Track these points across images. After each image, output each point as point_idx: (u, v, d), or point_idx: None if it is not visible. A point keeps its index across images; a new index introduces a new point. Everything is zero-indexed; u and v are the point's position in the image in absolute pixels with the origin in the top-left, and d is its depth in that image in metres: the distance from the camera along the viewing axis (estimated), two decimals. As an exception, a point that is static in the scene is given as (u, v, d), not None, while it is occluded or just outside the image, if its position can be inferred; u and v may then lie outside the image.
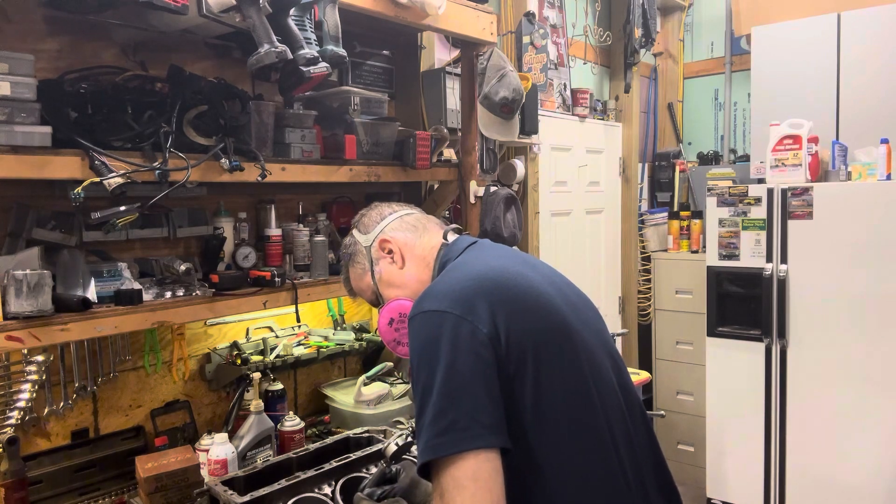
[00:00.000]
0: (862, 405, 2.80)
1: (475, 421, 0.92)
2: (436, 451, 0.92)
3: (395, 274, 1.27)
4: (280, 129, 1.82)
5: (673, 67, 4.44)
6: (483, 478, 0.90)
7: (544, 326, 1.04)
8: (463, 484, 0.90)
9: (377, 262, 1.29)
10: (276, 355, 2.17)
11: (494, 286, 1.05)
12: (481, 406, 0.94)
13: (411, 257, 1.27)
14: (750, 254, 3.04)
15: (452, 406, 0.93)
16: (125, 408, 1.89)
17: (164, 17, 1.56)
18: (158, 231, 1.78)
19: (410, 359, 1.02)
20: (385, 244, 1.28)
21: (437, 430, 0.92)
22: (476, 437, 0.91)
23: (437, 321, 0.99)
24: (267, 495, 1.48)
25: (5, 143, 1.29)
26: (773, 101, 3.44)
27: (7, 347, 1.33)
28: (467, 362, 0.96)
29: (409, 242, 1.28)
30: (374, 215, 1.34)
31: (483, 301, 1.01)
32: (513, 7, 3.17)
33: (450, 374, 0.95)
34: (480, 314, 0.99)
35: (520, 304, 1.04)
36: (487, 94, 2.41)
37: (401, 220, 1.31)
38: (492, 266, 1.11)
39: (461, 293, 1.03)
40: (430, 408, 0.94)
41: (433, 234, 1.29)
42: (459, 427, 0.92)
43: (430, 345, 0.98)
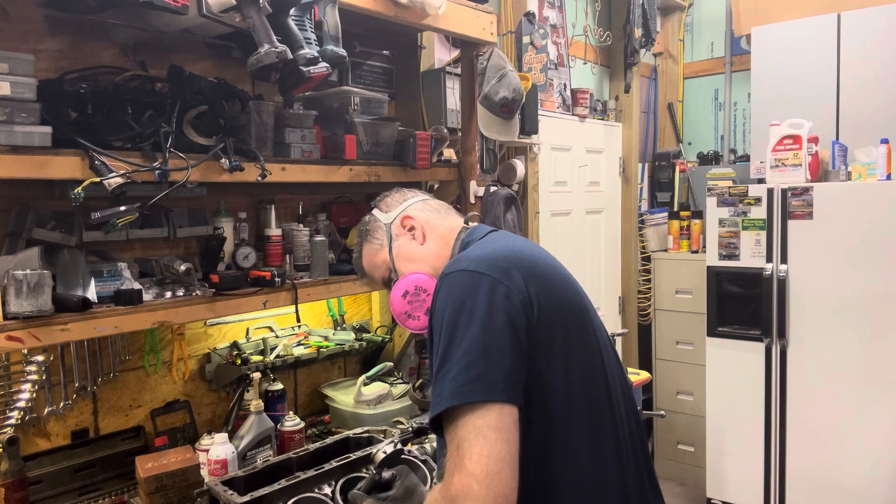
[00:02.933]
0: (862, 405, 2.80)
1: (503, 376, 0.95)
2: (464, 397, 0.93)
3: (414, 249, 1.29)
4: (280, 129, 1.82)
5: (673, 67, 4.44)
6: (504, 429, 0.92)
7: (569, 307, 1.09)
8: (484, 432, 0.91)
9: (396, 238, 1.32)
10: (276, 355, 2.17)
11: (527, 261, 1.08)
12: (510, 364, 0.96)
13: (432, 235, 1.30)
14: (750, 254, 3.04)
15: (483, 358, 0.95)
16: (125, 408, 1.89)
17: (164, 17, 1.56)
18: (158, 231, 1.78)
19: (438, 311, 1.03)
20: (407, 221, 1.31)
21: (467, 379, 0.94)
22: (503, 391, 0.94)
23: (474, 280, 1.02)
24: (267, 495, 1.48)
25: (5, 143, 1.30)
26: (773, 101, 3.44)
27: (7, 347, 1.33)
28: (501, 320, 0.98)
29: (431, 221, 1.31)
30: (398, 196, 1.38)
31: (517, 271, 1.04)
32: (513, 7, 3.17)
33: (485, 329, 0.97)
34: (516, 281, 1.02)
35: (549, 280, 1.08)
36: (487, 94, 2.41)
37: (423, 203, 1.36)
38: (519, 246, 1.15)
39: (497, 261, 1.05)
40: (460, 357, 0.95)
41: (454, 218, 1.34)
42: (489, 378, 0.94)
43: (467, 299, 1.00)
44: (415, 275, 1.27)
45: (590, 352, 1.10)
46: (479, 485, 0.88)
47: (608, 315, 3.84)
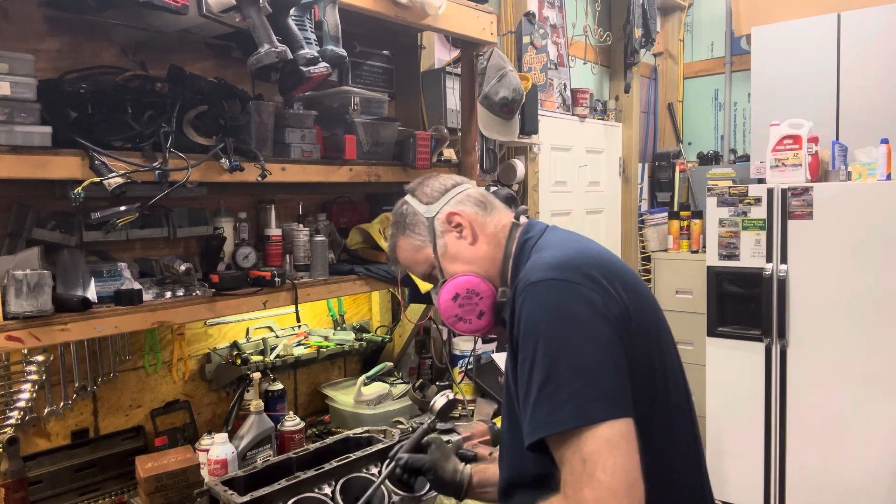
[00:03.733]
0: (862, 405, 2.80)
1: (623, 389, 0.93)
2: (589, 416, 0.89)
3: (464, 249, 1.21)
4: (280, 129, 1.82)
5: (673, 67, 4.44)
6: (633, 440, 0.90)
7: (654, 313, 1.07)
8: (617, 444, 0.89)
9: (442, 235, 1.22)
10: (276, 355, 2.17)
11: (608, 264, 1.05)
12: (624, 376, 0.94)
13: (483, 234, 1.21)
14: (750, 254, 3.04)
15: (600, 375, 0.92)
16: (125, 408, 1.88)
17: (164, 17, 1.56)
18: (158, 231, 1.78)
19: (530, 324, 0.97)
20: (454, 218, 1.22)
21: (588, 397, 0.90)
22: (626, 406, 0.92)
23: (567, 289, 0.97)
24: (267, 495, 1.47)
25: (5, 143, 1.29)
26: (773, 101, 3.44)
27: (7, 347, 1.33)
28: (607, 332, 0.95)
29: (479, 219, 1.22)
30: (437, 185, 1.27)
31: (605, 277, 1.00)
32: (513, 7, 3.17)
33: (594, 342, 0.94)
34: (608, 289, 0.99)
35: (633, 284, 1.05)
36: (487, 94, 2.41)
37: (465, 195, 1.25)
38: (593, 248, 1.10)
39: (581, 267, 1.00)
40: (575, 374, 0.92)
41: (501, 213, 1.24)
42: (610, 395, 0.91)
43: (566, 311, 0.95)
44: (465, 277, 1.19)
45: (672, 354, 1.09)
46: (618, 498, 0.86)
47: (608, 315, 3.84)
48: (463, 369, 2.45)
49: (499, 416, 2.22)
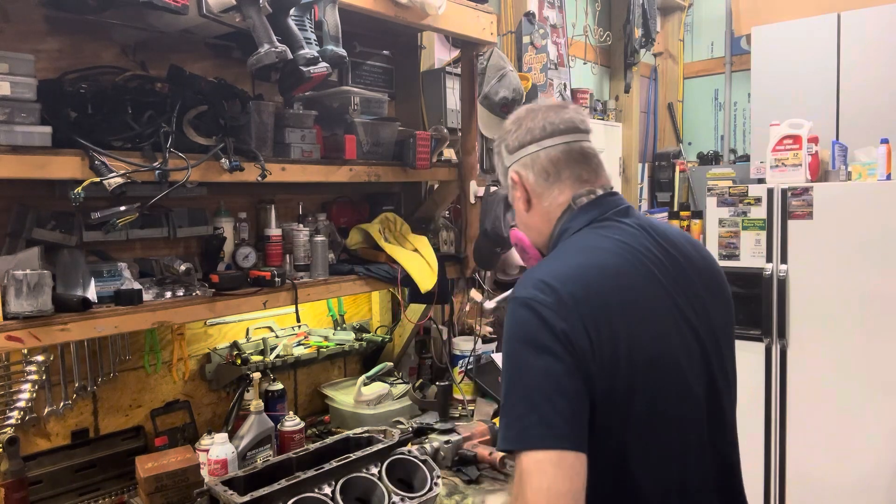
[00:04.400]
0: (862, 405, 2.80)
1: (563, 420, 0.95)
2: (525, 442, 0.94)
3: (521, 212, 1.25)
4: (280, 129, 1.82)
5: (673, 67, 4.44)
6: (565, 467, 0.93)
7: (638, 331, 1.03)
8: (544, 468, 0.93)
9: (510, 189, 1.25)
10: (276, 355, 2.17)
11: (603, 289, 1.03)
12: (568, 407, 0.96)
13: (537, 207, 1.21)
14: (750, 254, 3.04)
15: (540, 404, 0.96)
16: (125, 408, 1.88)
17: (164, 17, 1.56)
18: (158, 231, 1.78)
19: (504, 338, 1.03)
20: (516, 178, 1.22)
21: (529, 423, 0.95)
22: (563, 437, 0.94)
23: (532, 316, 0.99)
24: (267, 495, 1.47)
25: (5, 143, 1.29)
26: (773, 101, 3.44)
27: (7, 347, 1.33)
28: (561, 364, 0.97)
29: (538, 190, 1.20)
30: (521, 134, 1.21)
31: (580, 305, 1.00)
32: (513, 7, 3.17)
33: (544, 372, 0.97)
34: (578, 318, 0.99)
35: (630, 312, 1.03)
36: (487, 94, 2.40)
37: (535, 156, 1.19)
38: (594, 263, 1.07)
39: (564, 285, 1.01)
40: (519, 399, 0.97)
41: (563, 190, 1.19)
42: (548, 424, 0.94)
43: (522, 339, 1.00)
44: (521, 235, 1.27)
45: (663, 373, 1.05)
46: None
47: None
48: (463, 369, 2.45)
49: (498, 415, 2.22)
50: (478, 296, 2.43)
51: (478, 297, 2.43)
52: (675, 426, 1.06)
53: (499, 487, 1.78)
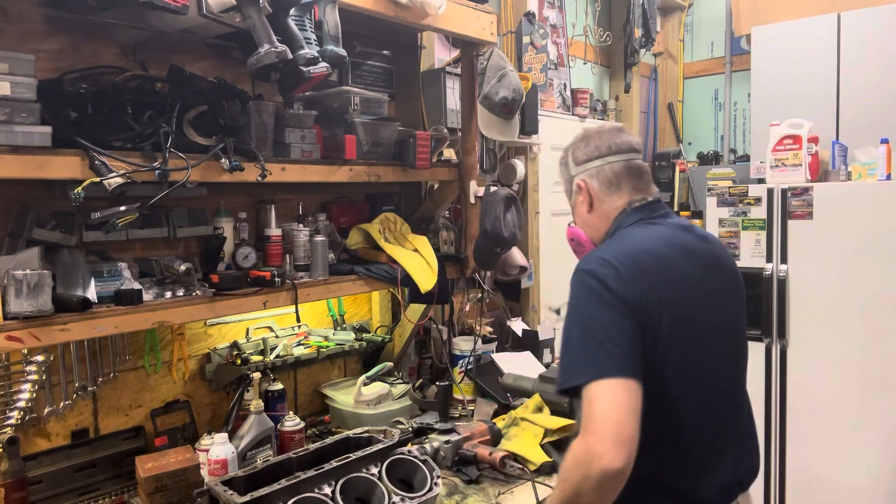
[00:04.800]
0: (862, 405, 2.80)
1: (623, 354, 1.20)
2: (595, 372, 1.18)
3: (583, 213, 1.51)
4: (280, 129, 1.82)
5: (673, 67, 4.44)
6: (628, 389, 1.17)
7: (676, 299, 1.30)
8: (613, 389, 1.17)
9: (574, 193, 1.53)
10: (276, 355, 2.17)
11: (649, 263, 1.30)
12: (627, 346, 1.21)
13: (598, 210, 1.48)
14: (750, 254, 3.04)
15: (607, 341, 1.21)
16: (125, 408, 1.89)
17: (164, 17, 1.56)
18: (158, 231, 1.78)
19: (570, 298, 1.30)
20: (581, 186, 1.49)
21: (596, 359, 1.19)
22: (623, 369, 1.18)
23: (595, 280, 1.25)
24: (267, 495, 1.47)
25: (5, 143, 1.29)
26: (773, 101, 3.44)
27: (7, 347, 1.33)
28: (618, 312, 1.23)
29: (601, 196, 1.48)
30: (591, 150, 1.49)
31: (633, 271, 1.26)
32: (513, 7, 3.17)
33: (606, 318, 1.22)
34: (632, 280, 1.25)
35: (671, 281, 1.31)
36: (487, 94, 2.40)
37: (600, 169, 1.47)
38: (644, 247, 1.34)
39: (621, 261, 1.28)
40: (588, 339, 1.22)
41: (622, 196, 1.47)
42: (612, 357, 1.19)
43: (590, 294, 1.25)
44: (579, 231, 1.54)
45: (701, 342, 1.34)
46: (606, 440, 1.12)
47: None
48: (463, 369, 2.45)
49: (498, 416, 2.22)
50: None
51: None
52: (702, 377, 1.34)
53: (505, 490, 1.78)
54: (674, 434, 1.31)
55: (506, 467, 1.82)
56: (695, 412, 1.32)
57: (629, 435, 1.13)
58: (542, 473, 1.83)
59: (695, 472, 1.33)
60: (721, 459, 1.36)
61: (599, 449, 1.12)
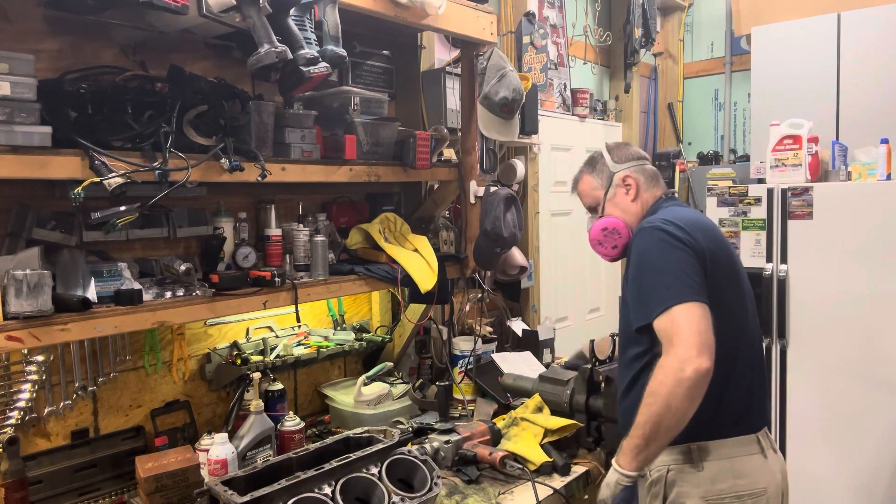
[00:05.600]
0: (862, 405, 2.80)
1: (698, 284, 1.45)
2: (678, 297, 1.42)
3: (626, 202, 1.73)
4: (280, 129, 1.82)
5: (673, 67, 4.45)
6: (704, 312, 1.42)
7: (729, 258, 1.60)
8: (693, 311, 1.41)
9: (615, 187, 1.74)
10: (276, 355, 2.17)
11: (694, 223, 1.56)
12: (699, 279, 1.47)
13: (640, 197, 1.73)
14: (750, 254, 3.04)
15: (683, 275, 1.46)
16: (125, 408, 1.89)
17: (164, 17, 1.56)
18: (158, 231, 1.78)
19: (640, 250, 1.54)
20: (629, 179, 1.73)
21: (676, 289, 1.43)
22: (698, 293, 1.43)
23: (665, 233, 1.50)
24: (267, 495, 1.47)
25: (5, 143, 1.29)
26: (773, 101, 3.44)
27: (7, 347, 1.33)
28: (686, 253, 1.48)
29: (644, 186, 1.74)
30: (628, 153, 1.77)
31: (689, 228, 1.52)
32: (513, 7, 3.17)
33: (677, 257, 1.47)
34: (690, 234, 1.51)
35: (714, 239, 1.57)
36: (487, 94, 2.40)
37: (641, 166, 1.76)
38: (689, 214, 1.62)
39: (678, 221, 1.53)
40: (668, 275, 1.46)
41: (659, 188, 1.76)
42: (689, 287, 1.44)
43: (662, 243, 1.49)
44: (616, 219, 1.72)
45: (741, 291, 1.62)
46: (697, 347, 1.35)
47: (608, 315, 3.84)
48: (463, 369, 2.45)
49: (498, 416, 2.22)
50: None
51: None
52: (743, 314, 1.61)
53: (505, 490, 1.78)
54: (732, 357, 1.53)
55: (506, 467, 1.82)
56: (744, 341, 1.58)
57: (711, 342, 1.37)
58: (542, 473, 1.83)
59: (748, 393, 1.57)
60: (758, 388, 1.61)
61: (690, 353, 1.34)
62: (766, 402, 1.66)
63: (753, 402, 1.58)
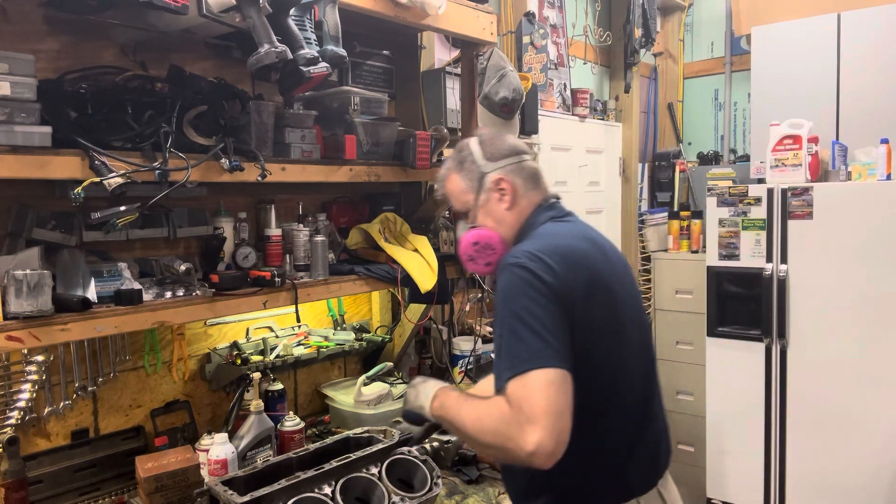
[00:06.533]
0: (862, 405, 2.80)
1: (559, 346, 1.20)
2: (531, 363, 1.17)
3: (500, 211, 1.45)
4: (280, 129, 1.82)
5: (673, 67, 4.44)
6: (560, 382, 1.17)
7: (604, 290, 1.32)
8: (552, 380, 1.16)
9: (487, 191, 1.45)
10: (276, 355, 2.17)
11: (575, 258, 1.30)
12: (560, 339, 1.21)
13: (518, 206, 1.45)
14: (750, 254, 3.04)
15: (544, 332, 1.20)
16: (125, 408, 1.89)
17: (164, 17, 1.56)
18: (158, 231, 1.78)
19: (501, 293, 1.27)
20: (502, 183, 1.44)
21: (531, 352, 1.18)
22: (556, 358, 1.18)
23: (525, 274, 1.24)
24: (267, 495, 1.48)
25: (5, 143, 1.29)
26: (773, 101, 3.44)
27: (7, 347, 1.33)
28: (552, 305, 1.22)
29: (520, 191, 1.45)
30: (504, 147, 1.47)
31: (558, 266, 1.26)
32: (513, 7, 3.17)
33: (540, 311, 1.21)
34: (560, 274, 1.25)
35: (582, 271, 1.30)
36: (487, 94, 2.41)
37: (521, 166, 1.47)
38: (568, 244, 1.34)
39: (547, 255, 1.27)
40: (524, 332, 1.20)
41: (539, 192, 1.48)
42: (547, 348, 1.19)
43: (521, 290, 1.23)
44: (490, 232, 1.45)
45: (620, 339, 1.34)
46: (549, 416, 1.12)
47: (608, 315, 3.84)
48: (463, 369, 2.45)
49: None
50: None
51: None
52: (623, 361, 1.36)
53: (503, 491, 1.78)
54: (601, 419, 1.32)
55: (506, 467, 1.82)
56: (619, 394, 1.35)
57: (565, 427, 1.15)
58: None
59: (621, 457, 1.35)
60: (640, 444, 1.38)
61: (535, 438, 1.12)
62: (652, 461, 1.41)
63: (629, 464, 1.36)
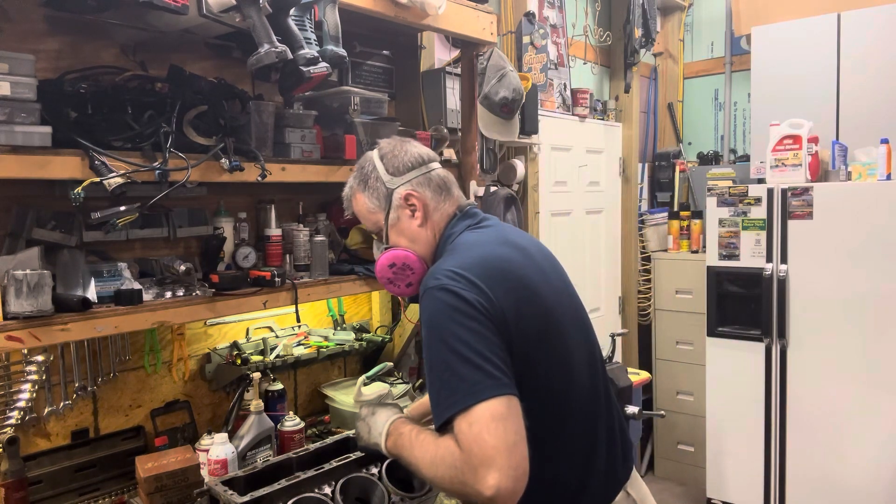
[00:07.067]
0: (862, 405, 2.80)
1: (501, 373, 1.11)
2: (475, 396, 1.07)
3: (412, 229, 1.37)
4: (280, 129, 1.82)
5: (673, 67, 4.44)
6: (512, 412, 1.08)
7: (537, 311, 1.23)
8: (500, 413, 1.06)
9: (396, 209, 1.37)
10: (276, 355, 2.17)
11: (497, 270, 1.21)
12: (500, 364, 1.12)
13: (431, 221, 1.37)
14: (750, 254, 3.04)
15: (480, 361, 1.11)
16: (125, 408, 1.89)
17: (164, 17, 1.56)
18: (158, 231, 1.78)
19: (426, 322, 1.17)
20: (411, 198, 1.36)
21: (474, 381, 1.08)
22: (504, 386, 1.09)
23: (450, 298, 1.15)
24: (267, 495, 1.48)
25: (5, 143, 1.29)
26: (773, 101, 3.44)
27: (7, 347, 1.33)
28: (483, 327, 1.13)
29: (432, 205, 1.37)
30: (406, 159, 1.38)
31: (485, 284, 1.16)
32: (513, 7, 3.17)
33: (472, 337, 1.11)
34: (487, 293, 1.15)
35: (523, 289, 1.22)
36: (487, 94, 2.41)
37: (428, 176, 1.38)
38: (493, 253, 1.26)
39: (471, 272, 1.18)
40: (459, 364, 1.10)
41: (451, 202, 1.39)
42: (489, 377, 1.09)
43: (448, 316, 1.13)
44: (405, 252, 1.36)
45: (561, 353, 1.25)
46: (501, 454, 1.02)
47: (608, 315, 3.84)
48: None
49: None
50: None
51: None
52: (570, 369, 1.27)
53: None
54: (556, 433, 1.24)
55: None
56: (569, 406, 1.26)
57: (521, 457, 1.05)
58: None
59: (579, 464, 1.28)
60: (598, 448, 1.30)
61: (492, 482, 1.02)
62: (608, 479, 1.32)
63: (590, 480, 1.28)
